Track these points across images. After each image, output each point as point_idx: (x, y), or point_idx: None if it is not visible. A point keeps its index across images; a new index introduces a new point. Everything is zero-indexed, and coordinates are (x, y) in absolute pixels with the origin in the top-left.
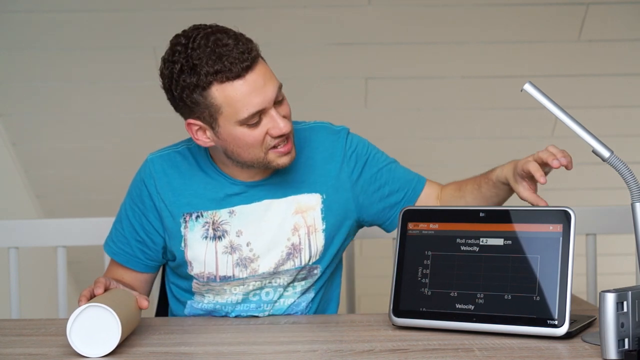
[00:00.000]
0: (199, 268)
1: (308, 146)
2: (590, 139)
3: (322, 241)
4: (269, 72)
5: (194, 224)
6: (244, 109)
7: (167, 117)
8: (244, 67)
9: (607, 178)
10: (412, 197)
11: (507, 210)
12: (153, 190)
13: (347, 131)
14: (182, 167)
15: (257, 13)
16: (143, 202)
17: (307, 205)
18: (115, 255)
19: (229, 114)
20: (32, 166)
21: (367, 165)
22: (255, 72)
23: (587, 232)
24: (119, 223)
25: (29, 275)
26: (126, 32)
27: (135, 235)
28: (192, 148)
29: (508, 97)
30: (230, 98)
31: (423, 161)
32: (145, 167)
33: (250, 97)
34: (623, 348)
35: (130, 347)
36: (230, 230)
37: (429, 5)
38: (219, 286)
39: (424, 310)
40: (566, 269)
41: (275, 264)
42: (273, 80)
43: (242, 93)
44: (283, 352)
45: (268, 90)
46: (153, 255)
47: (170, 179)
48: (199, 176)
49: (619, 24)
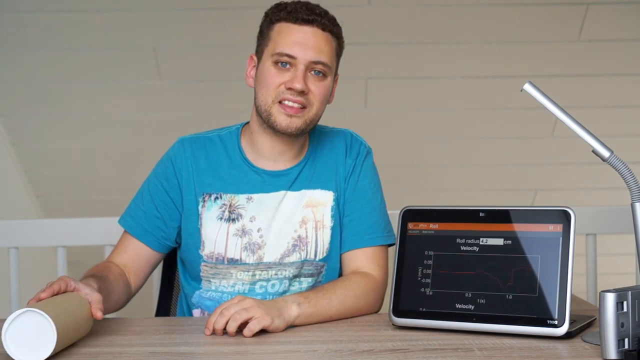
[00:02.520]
0: (209, 248)
1: (330, 145)
2: (590, 139)
3: (328, 238)
4: (327, 47)
5: (211, 204)
6: (280, 45)
7: (167, 117)
8: (306, 20)
9: (607, 178)
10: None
11: (507, 210)
12: (179, 168)
13: (368, 150)
14: (209, 151)
15: (257, 13)
16: (168, 179)
17: (319, 201)
18: (131, 228)
19: (271, 47)
20: (32, 166)
21: (349, 189)
22: (313, 32)
23: (587, 232)
24: (139, 199)
25: (29, 275)
26: (126, 32)
27: (154, 211)
28: (222, 136)
29: (508, 97)
30: (280, 33)
31: (423, 161)
32: (174, 146)
33: (292, 39)
34: (623, 348)
35: (130, 347)
36: (245, 214)
37: (429, 5)
38: (226, 269)
39: (424, 310)
40: (566, 269)
41: (280, 254)
42: (323, 52)
43: (288, 33)
44: (283, 352)
45: (310, 49)
46: (168, 234)
47: (197, 159)
48: (224, 162)
49: (619, 24)
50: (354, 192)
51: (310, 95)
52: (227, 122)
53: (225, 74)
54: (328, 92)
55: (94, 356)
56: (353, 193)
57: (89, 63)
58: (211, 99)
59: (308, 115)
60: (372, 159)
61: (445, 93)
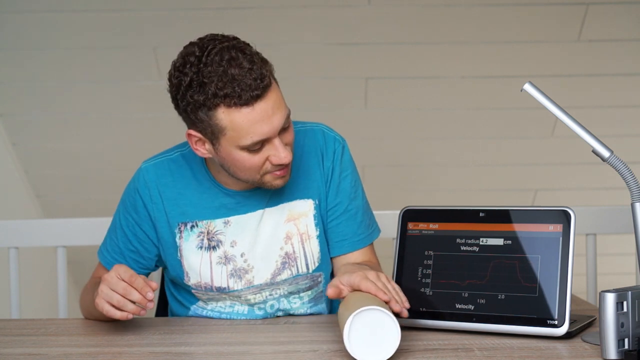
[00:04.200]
0: (195, 278)
1: (302, 151)
2: (590, 139)
3: (317, 248)
4: (280, 99)
5: (188, 234)
6: (248, 136)
7: (167, 117)
8: (254, 96)
9: (607, 178)
10: (334, 249)
11: (507, 210)
12: (147, 200)
13: (343, 144)
14: (176, 175)
15: (257, 13)
16: (137, 212)
17: (299, 212)
18: (109, 264)
19: (232, 138)
20: (32, 166)
21: (331, 193)
22: (265, 101)
23: (587, 232)
24: (113, 232)
25: (29, 275)
26: (126, 32)
27: (128, 245)
28: (186, 154)
29: (508, 97)
30: (236, 123)
31: (423, 161)
32: (139, 176)
33: (256, 125)
34: (623, 348)
35: (130, 347)
36: (225, 240)
37: (429, 5)
38: (218, 295)
39: (424, 310)
40: (566, 269)
41: (271, 275)
42: (282, 108)
43: (248, 121)
44: (283, 352)
45: (275, 119)
46: (146, 264)
47: (164, 188)
48: (193, 185)
49: (619, 24)
50: (337, 195)
51: (289, 147)
52: None
53: None
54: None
55: (93, 356)
56: (336, 196)
57: (89, 63)
58: None
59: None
60: (348, 152)
61: (445, 93)
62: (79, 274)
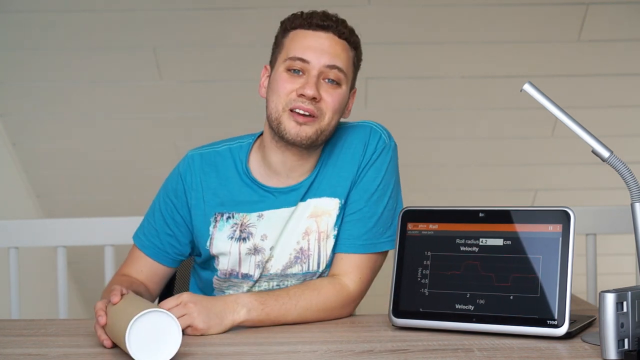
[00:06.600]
0: (223, 264)
1: (343, 145)
2: (590, 139)
3: (331, 247)
4: (344, 54)
5: (223, 224)
6: (293, 50)
7: (167, 117)
8: (321, 25)
9: (607, 178)
10: (336, 245)
11: (507, 211)
12: (189, 186)
13: (386, 145)
14: (220, 167)
15: (257, 13)
16: (177, 197)
17: (323, 210)
18: (145, 248)
19: (284, 53)
20: (32, 166)
21: (353, 190)
22: (328, 37)
23: (587, 232)
24: (151, 216)
25: (29, 275)
26: (126, 32)
27: (166, 229)
28: (233, 149)
29: (508, 97)
30: (293, 39)
31: (423, 161)
32: (184, 162)
33: (305, 44)
34: (623, 348)
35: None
36: (256, 233)
37: (429, 5)
38: (240, 282)
39: (423, 311)
40: (566, 269)
41: (283, 266)
42: (339, 57)
43: (303, 37)
44: (283, 352)
45: (324, 54)
46: (181, 250)
47: (207, 177)
48: (234, 178)
49: (619, 24)
50: (357, 192)
51: (322, 103)
52: (227, 121)
53: (225, 74)
54: (343, 102)
55: (93, 356)
56: (356, 193)
57: (89, 63)
58: (211, 99)
59: (319, 125)
60: (390, 155)
61: (445, 93)
62: (79, 274)
